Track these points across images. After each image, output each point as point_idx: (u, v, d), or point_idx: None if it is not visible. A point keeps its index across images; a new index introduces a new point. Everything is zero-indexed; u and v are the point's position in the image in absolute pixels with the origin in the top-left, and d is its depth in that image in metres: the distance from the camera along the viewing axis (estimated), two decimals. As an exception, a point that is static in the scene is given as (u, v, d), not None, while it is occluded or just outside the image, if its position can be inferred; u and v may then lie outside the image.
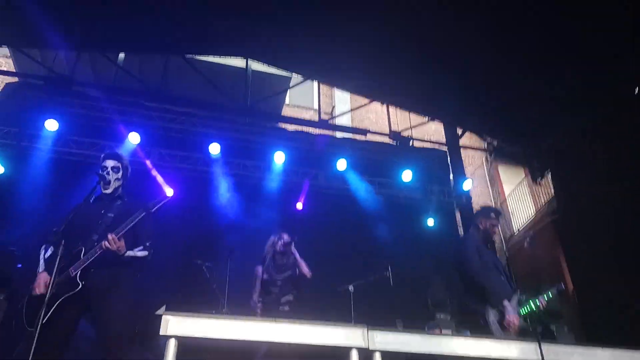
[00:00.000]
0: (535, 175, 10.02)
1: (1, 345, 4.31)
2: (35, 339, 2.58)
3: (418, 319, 5.57)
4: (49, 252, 3.26)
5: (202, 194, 7.12)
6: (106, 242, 3.08)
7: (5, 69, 9.47)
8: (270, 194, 7.57)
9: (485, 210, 4.29)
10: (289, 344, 2.41)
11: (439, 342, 2.63)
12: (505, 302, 3.82)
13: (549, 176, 9.40)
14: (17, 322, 3.02)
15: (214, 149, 7.41)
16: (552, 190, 9.72)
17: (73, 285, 3.07)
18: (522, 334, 3.75)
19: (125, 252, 3.20)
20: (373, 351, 2.45)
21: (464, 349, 2.61)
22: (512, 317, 3.74)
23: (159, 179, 6.94)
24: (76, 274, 3.10)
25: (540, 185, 11.01)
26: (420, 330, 2.82)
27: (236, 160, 7.67)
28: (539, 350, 2.64)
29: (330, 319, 2.56)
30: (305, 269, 4.81)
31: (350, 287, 5.14)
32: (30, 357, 2.53)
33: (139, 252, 3.28)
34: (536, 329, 5.71)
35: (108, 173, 3.51)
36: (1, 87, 8.05)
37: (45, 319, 2.87)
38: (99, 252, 3.12)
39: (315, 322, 2.58)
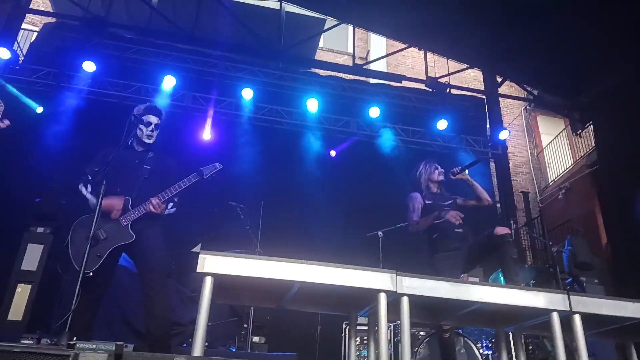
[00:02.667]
0: (575, 127, 9.71)
1: (51, 274, 4.61)
2: (82, 271, 2.74)
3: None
4: (90, 189, 3.40)
5: (235, 138, 7.19)
6: (151, 206, 3.30)
7: (43, 9, 9.53)
8: (302, 139, 7.58)
9: None
10: (320, 285, 2.49)
11: (467, 290, 2.67)
12: None
13: (590, 128, 9.10)
14: (62, 258, 3.22)
15: (247, 93, 7.40)
16: (593, 142, 9.41)
17: (127, 236, 3.27)
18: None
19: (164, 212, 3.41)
20: (401, 295, 2.51)
21: (491, 296, 2.63)
22: None
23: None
24: (127, 225, 3.28)
25: (580, 137, 10.67)
26: (448, 278, 2.85)
27: (268, 106, 7.65)
28: (567, 301, 2.65)
29: (359, 264, 2.61)
30: (485, 195, 4.32)
31: (380, 233, 5.21)
32: (79, 282, 2.70)
33: (171, 210, 3.49)
34: (565, 279, 5.74)
35: (152, 130, 3.62)
36: (39, 28, 8.15)
37: (98, 265, 3.08)
38: (143, 212, 3.31)
39: (345, 265, 2.64)
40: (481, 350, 4.50)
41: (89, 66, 6.84)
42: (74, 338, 2.41)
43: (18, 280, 4.56)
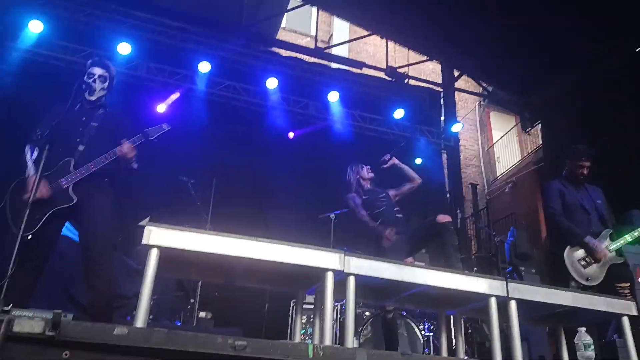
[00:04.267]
0: (525, 125, 10.09)
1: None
2: (18, 243, 2.61)
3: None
4: (35, 154, 3.21)
5: (189, 112, 7.02)
6: (122, 149, 3.17)
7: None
8: (258, 119, 7.49)
9: (573, 151, 4.13)
10: (269, 262, 2.49)
11: (411, 272, 2.74)
12: (588, 239, 3.85)
13: (539, 127, 9.48)
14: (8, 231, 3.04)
15: (204, 67, 7.22)
16: (540, 141, 9.82)
17: (67, 199, 3.09)
18: (617, 268, 3.83)
19: (133, 162, 3.27)
20: (348, 274, 2.54)
21: (435, 280, 2.72)
22: (601, 251, 3.79)
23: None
24: (68, 187, 3.10)
25: (529, 134, 11.12)
26: (395, 260, 2.92)
27: (225, 81, 7.49)
28: (505, 287, 2.77)
29: (310, 245, 2.63)
30: (415, 175, 4.62)
31: (332, 216, 5.26)
32: (16, 248, 2.58)
33: (134, 165, 3.32)
34: (505, 269, 6.01)
35: (94, 81, 3.42)
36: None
37: (38, 227, 2.93)
38: (103, 164, 3.16)
39: (295, 243, 2.65)
40: (423, 332, 4.65)
41: (35, 26, 6.46)
42: (10, 305, 2.31)
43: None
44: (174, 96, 6.91)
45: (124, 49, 6.79)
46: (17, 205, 3.00)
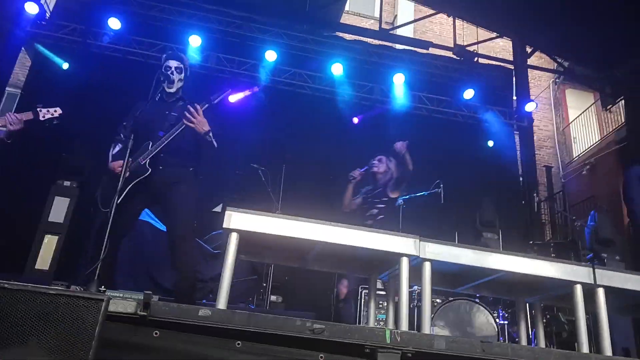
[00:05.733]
0: (606, 102, 9.44)
1: (78, 226, 4.75)
2: (112, 214, 2.79)
3: (466, 237, 5.62)
4: (117, 149, 3.44)
5: (259, 101, 7.17)
6: (189, 116, 3.27)
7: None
8: (325, 105, 7.51)
9: None
10: (342, 246, 2.50)
11: (489, 257, 2.66)
12: None
13: (621, 103, 8.82)
14: (93, 208, 3.27)
15: (270, 56, 7.32)
16: (622, 118, 9.15)
17: (143, 171, 3.28)
18: None
19: (207, 133, 3.35)
20: (424, 260, 2.51)
21: (515, 266, 2.63)
22: None
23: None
24: (145, 162, 3.30)
25: (610, 112, 10.38)
26: (472, 245, 2.84)
27: (291, 69, 7.56)
28: (592, 274, 2.63)
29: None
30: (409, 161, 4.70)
31: (400, 201, 5.19)
32: (108, 231, 2.76)
33: (208, 137, 3.40)
34: (586, 256, 5.69)
35: (172, 73, 3.59)
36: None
37: (119, 200, 3.11)
38: (174, 135, 3.30)
39: (369, 228, 2.65)
40: (497, 320, 4.52)
41: (114, 23, 6.83)
42: (102, 287, 2.48)
43: (45, 231, 4.70)
44: (245, 93, 7.09)
45: (195, 41, 7.02)
46: (104, 188, 3.24)
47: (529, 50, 8.87)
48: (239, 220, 2.40)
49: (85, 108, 6.04)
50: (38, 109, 3.62)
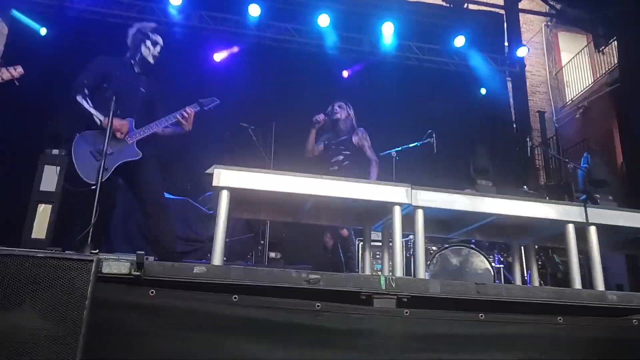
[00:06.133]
0: (599, 43, 9.29)
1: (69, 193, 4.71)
2: (98, 186, 2.79)
3: (460, 186, 5.62)
4: (90, 103, 3.38)
5: (243, 59, 7.01)
6: (184, 113, 3.47)
7: None
8: (313, 59, 7.34)
9: None
10: (335, 198, 2.50)
11: (483, 202, 2.67)
12: None
13: (614, 45, 8.68)
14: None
15: (254, 10, 7.09)
16: (615, 60, 9.03)
17: (134, 153, 3.38)
18: None
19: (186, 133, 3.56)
20: (416, 207, 2.51)
21: (508, 209, 2.64)
22: None
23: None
24: (133, 143, 3.38)
25: (603, 54, 10.23)
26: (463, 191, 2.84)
27: (277, 23, 7.35)
28: (584, 213, 2.64)
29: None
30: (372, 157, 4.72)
31: (393, 153, 5.18)
32: (97, 197, 2.74)
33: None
34: (579, 197, 5.73)
35: (158, 52, 3.67)
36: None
37: (107, 177, 3.12)
38: (164, 125, 3.45)
39: (360, 180, 2.63)
40: (493, 264, 4.59)
41: (90, -17, 6.57)
42: (97, 250, 2.48)
43: (39, 201, 4.65)
44: (229, 51, 6.95)
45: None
46: (82, 157, 3.21)
47: (520, -8, 8.64)
48: (229, 178, 2.37)
49: (67, 73, 5.86)
50: None
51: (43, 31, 6.45)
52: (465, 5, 8.37)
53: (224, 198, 2.35)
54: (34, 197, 4.65)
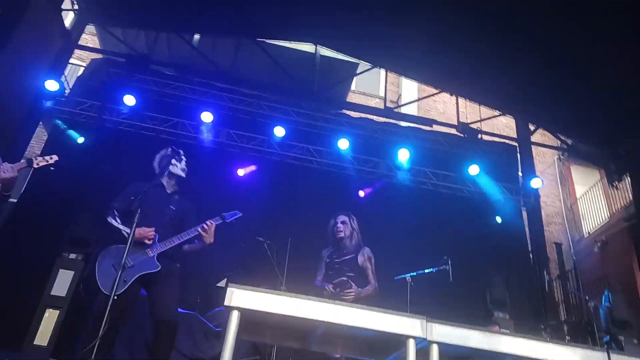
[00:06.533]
0: (611, 178, 9.46)
1: (81, 301, 4.67)
2: (112, 298, 2.78)
3: (476, 316, 5.45)
4: (119, 221, 3.53)
5: (265, 175, 7.29)
6: (205, 226, 3.56)
7: (91, 45, 10.04)
8: (332, 179, 7.60)
9: None
10: (347, 327, 2.43)
11: (500, 340, 2.56)
12: None
13: (627, 179, 8.84)
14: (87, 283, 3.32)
15: (279, 131, 7.53)
16: (630, 195, 9.12)
17: (153, 265, 3.43)
18: None
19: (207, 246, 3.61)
20: (431, 342, 2.42)
21: (526, 350, 2.52)
22: None
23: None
24: (154, 256, 3.45)
25: (617, 188, 10.36)
26: (480, 327, 2.75)
27: (300, 144, 7.75)
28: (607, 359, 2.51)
29: (386, 307, 2.55)
30: (373, 282, 4.59)
31: (408, 278, 5.10)
32: (108, 310, 2.74)
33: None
34: (602, 338, 5.46)
35: (185, 166, 3.92)
36: (87, 63, 8.57)
37: (125, 289, 3.14)
38: (186, 238, 3.51)
39: (374, 308, 2.59)
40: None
41: (129, 100, 7.11)
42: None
43: (46, 306, 4.62)
44: (251, 168, 7.27)
45: (207, 117, 7.26)
46: (104, 268, 3.26)
47: (532, 127, 9.06)
48: (241, 298, 2.35)
49: (96, 180, 6.14)
50: (33, 157, 3.72)
51: (80, 140, 6.87)
52: (479, 136, 8.76)
53: (235, 319, 2.31)
54: (43, 301, 4.63)
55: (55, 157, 3.84)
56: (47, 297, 4.67)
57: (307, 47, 9.05)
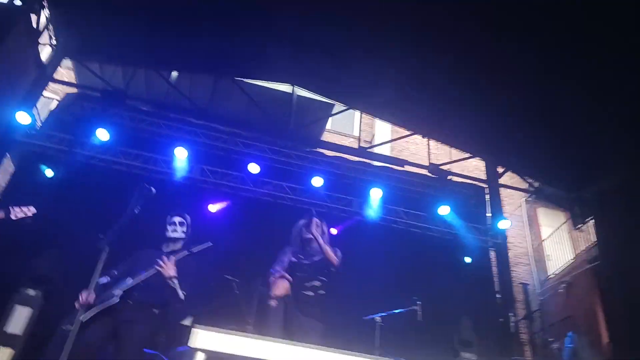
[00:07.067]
0: (576, 222, 9.73)
1: (36, 336, 4.52)
2: (71, 336, 2.74)
3: (444, 356, 5.47)
4: (105, 281, 3.55)
5: (239, 211, 7.28)
6: (160, 262, 3.51)
7: (66, 79, 10.02)
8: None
9: None
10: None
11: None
12: None
13: (591, 223, 9.11)
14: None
15: (253, 168, 7.58)
16: (594, 237, 9.41)
17: (110, 299, 3.42)
18: None
19: (171, 279, 3.55)
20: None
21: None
22: None
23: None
24: (118, 294, 3.47)
25: (581, 231, 10.66)
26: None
27: (274, 182, 7.81)
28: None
29: (353, 348, 2.57)
30: (331, 255, 4.21)
31: (378, 318, 5.11)
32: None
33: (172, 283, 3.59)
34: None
35: (175, 228, 3.97)
36: (61, 97, 8.54)
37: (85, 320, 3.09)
38: (148, 274, 3.50)
39: (343, 351, 2.60)
40: None
41: (102, 134, 7.08)
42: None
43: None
44: (223, 204, 7.27)
45: (181, 153, 7.27)
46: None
47: (500, 170, 9.33)
48: (206, 339, 2.35)
49: (62, 215, 6.04)
50: (10, 207, 3.67)
51: (49, 173, 6.77)
52: (449, 178, 8.97)
53: (199, 361, 2.30)
54: (-4, 338, 4.44)
55: (32, 209, 3.86)
56: (1, 335, 4.49)
57: (285, 87, 9.24)
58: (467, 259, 7.90)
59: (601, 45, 5.54)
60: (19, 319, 4.62)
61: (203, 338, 2.36)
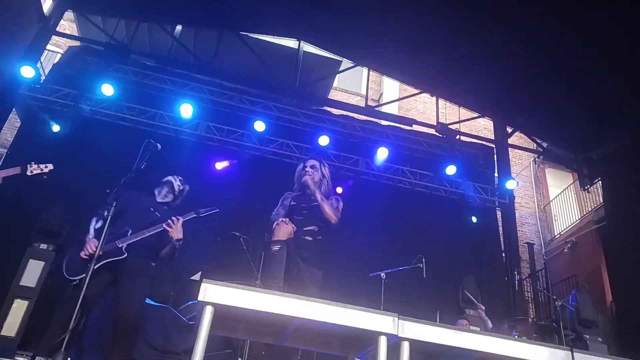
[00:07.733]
0: (584, 182, 9.70)
1: (50, 292, 4.61)
2: (85, 288, 2.76)
3: (447, 313, 5.55)
4: (99, 224, 3.55)
5: (245, 169, 7.26)
6: (170, 222, 3.51)
7: (69, 32, 9.83)
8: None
9: None
10: (320, 322, 2.45)
11: (469, 338, 2.62)
12: None
13: (599, 184, 9.08)
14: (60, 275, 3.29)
15: (259, 126, 7.50)
16: (600, 199, 9.38)
17: (119, 253, 3.44)
18: None
19: (176, 240, 3.54)
20: (402, 339, 2.46)
21: (494, 347, 2.58)
22: None
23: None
24: (122, 247, 3.47)
25: (588, 192, 10.63)
26: (451, 325, 2.80)
27: (280, 139, 7.74)
28: (570, 357, 2.59)
29: (359, 304, 2.58)
30: (329, 213, 3.91)
31: (383, 275, 5.16)
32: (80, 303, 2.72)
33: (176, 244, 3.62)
34: (569, 336, 5.62)
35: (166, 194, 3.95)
36: (64, 50, 8.39)
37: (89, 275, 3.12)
38: (153, 232, 3.51)
39: (347, 305, 2.61)
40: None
41: (107, 89, 6.99)
42: (68, 359, 2.39)
43: (15, 296, 4.53)
44: (226, 163, 7.23)
45: (186, 109, 7.19)
46: (71, 255, 3.29)
47: (509, 130, 9.22)
48: (215, 293, 2.35)
49: (70, 170, 6.03)
50: (28, 165, 3.70)
51: (55, 128, 6.73)
52: (457, 137, 8.87)
53: (208, 314, 2.31)
54: (12, 291, 4.53)
55: (50, 166, 3.85)
56: (16, 288, 4.57)
57: (290, 42, 9.02)
58: (474, 219, 7.90)
59: (614, 4, 5.35)
60: (33, 272, 4.70)
61: (212, 292, 2.36)
